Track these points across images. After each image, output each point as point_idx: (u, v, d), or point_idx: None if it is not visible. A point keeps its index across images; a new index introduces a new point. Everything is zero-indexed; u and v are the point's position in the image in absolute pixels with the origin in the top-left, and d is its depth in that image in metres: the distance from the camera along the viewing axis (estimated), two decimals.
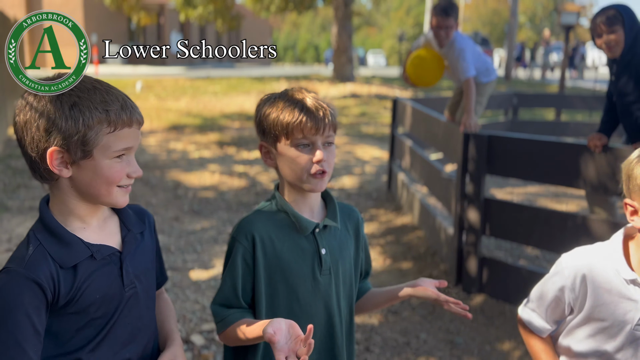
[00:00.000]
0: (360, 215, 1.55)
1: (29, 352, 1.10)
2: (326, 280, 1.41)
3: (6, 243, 4.10)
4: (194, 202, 5.43)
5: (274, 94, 1.42)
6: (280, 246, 1.38)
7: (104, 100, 1.13)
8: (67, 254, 1.15)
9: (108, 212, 1.27)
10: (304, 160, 1.34)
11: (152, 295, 1.33)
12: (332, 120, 1.36)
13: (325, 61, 42.13)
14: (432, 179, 4.33)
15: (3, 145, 7.70)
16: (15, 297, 1.10)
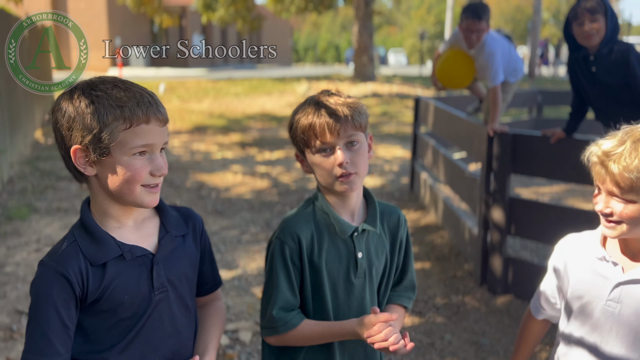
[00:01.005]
0: (402, 216, 1.53)
1: (56, 345, 1.12)
2: (360, 283, 1.42)
3: (35, 243, 4.19)
4: (217, 202, 5.47)
5: (301, 104, 1.43)
6: (319, 247, 1.39)
7: (119, 98, 1.13)
8: (98, 252, 1.16)
9: (149, 213, 1.27)
10: (327, 165, 1.35)
11: (188, 301, 1.30)
12: (353, 120, 1.34)
13: (346, 61, 42.08)
14: (456, 178, 4.29)
15: (31, 148, 7.86)
16: (45, 290, 1.13)
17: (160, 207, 1.29)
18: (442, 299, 3.43)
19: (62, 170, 6.58)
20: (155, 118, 1.14)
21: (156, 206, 1.28)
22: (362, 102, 1.44)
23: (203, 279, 1.38)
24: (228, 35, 33.98)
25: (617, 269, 1.31)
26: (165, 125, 1.18)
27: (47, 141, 8.48)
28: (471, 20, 3.46)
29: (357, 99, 1.42)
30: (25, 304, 3.22)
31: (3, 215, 4.79)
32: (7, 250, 4.02)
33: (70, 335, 1.16)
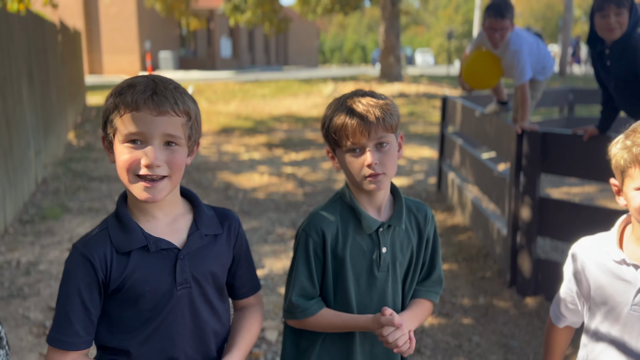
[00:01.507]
0: (430, 212, 1.54)
1: (76, 326, 1.16)
2: (383, 277, 1.45)
3: (67, 242, 4.29)
4: (244, 202, 5.51)
5: (334, 100, 1.45)
6: (344, 241, 1.43)
7: (122, 86, 1.16)
8: (124, 240, 1.19)
9: (182, 210, 1.28)
10: (356, 165, 1.38)
11: (214, 300, 1.30)
12: (384, 122, 1.36)
13: (373, 61, 41.95)
14: (484, 178, 4.23)
15: (64, 149, 8.06)
16: (71, 271, 1.17)
17: (195, 205, 1.30)
18: (470, 301, 3.38)
19: (93, 171, 6.72)
20: (145, 106, 1.11)
21: (192, 204, 1.30)
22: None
23: (239, 281, 1.37)
24: (255, 37, 34.23)
25: (639, 272, 1.27)
26: (163, 116, 1.13)
27: (79, 143, 8.68)
28: (494, 19, 3.38)
29: (389, 100, 1.42)
30: None
31: (37, 215, 4.92)
32: (40, 249, 4.13)
33: (92, 319, 1.18)
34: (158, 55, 25.95)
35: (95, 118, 11.25)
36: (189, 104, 1.19)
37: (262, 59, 36.21)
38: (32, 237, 4.39)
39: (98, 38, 25.30)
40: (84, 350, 1.19)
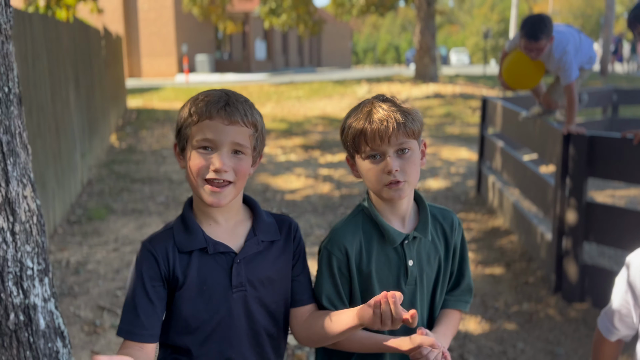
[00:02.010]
0: (456, 220, 1.48)
1: (142, 317, 1.22)
2: (411, 291, 1.40)
3: (113, 243, 4.41)
4: (281, 204, 5.56)
5: (354, 107, 1.41)
6: (368, 256, 1.38)
7: (198, 97, 1.24)
8: (186, 241, 1.25)
9: (243, 217, 1.33)
10: (375, 172, 1.32)
11: (271, 305, 1.32)
12: (405, 127, 1.30)
13: (407, 61, 41.66)
14: (527, 181, 4.16)
15: (107, 151, 8.28)
16: (138, 266, 1.25)
17: (255, 212, 1.34)
18: (514, 306, 3.33)
19: (135, 173, 6.89)
20: (218, 115, 1.20)
21: (252, 211, 1.35)
22: (423, 105, 1.42)
23: (300, 287, 1.38)
24: (289, 39, 34.45)
25: None
26: (234, 125, 1.21)
27: (121, 145, 8.91)
28: (527, 41, 3.29)
29: (411, 105, 1.38)
30: (107, 300, 3.40)
31: (84, 216, 5.07)
32: (88, 249, 4.26)
33: (157, 312, 1.24)
34: (194, 58, 26.39)
35: (135, 121, 11.52)
36: (257, 117, 1.27)
37: (296, 61, 36.41)
38: (80, 237, 4.53)
39: (137, 42, 25.89)
40: (150, 344, 1.23)
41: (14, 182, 1.46)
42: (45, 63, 4.58)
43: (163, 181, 6.50)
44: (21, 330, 1.47)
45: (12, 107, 1.47)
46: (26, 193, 1.51)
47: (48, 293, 1.59)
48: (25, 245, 1.49)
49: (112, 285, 3.61)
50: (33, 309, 1.50)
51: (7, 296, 1.43)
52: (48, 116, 4.60)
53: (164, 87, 18.71)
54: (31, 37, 4.17)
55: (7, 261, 1.43)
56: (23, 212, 1.49)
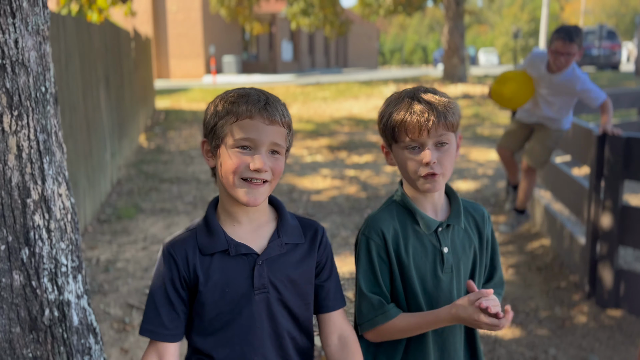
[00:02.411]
0: (486, 213, 1.49)
1: (163, 317, 1.23)
2: (448, 278, 1.40)
3: (142, 242, 4.47)
4: (307, 205, 5.56)
5: (393, 95, 1.42)
6: (404, 243, 1.40)
7: (234, 95, 1.23)
8: (208, 243, 1.25)
9: (268, 218, 1.32)
10: (412, 163, 1.35)
11: (295, 309, 1.31)
12: (445, 120, 1.32)
13: (434, 62, 41.31)
14: (560, 183, 4.07)
15: (136, 152, 8.41)
16: (159, 267, 1.26)
17: (280, 214, 1.33)
18: (546, 311, 3.26)
19: (163, 173, 6.98)
20: (259, 114, 1.19)
21: (277, 213, 1.33)
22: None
23: (324, 292, 1.36)
24: (315, 40, 34.52)
25: None
26: (273, 125, 1.20)
27: (149, 145, 9.04)
28: (562, 42, 3.29)
29: (451, 99, 1.38)
30: (136, 298, 3.44)
31: (113, 215, 5.16)
32: (118, 247, 4.33)
33: (178, 313, 1.25)
34: (222, 59, 26.64)
35: (164, 121, 11.68)
36: (290, 118, 1.27)
37: (322, 62, 36.45)
38: (110, 235, 4.60)
39: (165, 44, 26.27)
40: (173, 343, 1.25)
41: (50, 181, 1.48)
42: (77, 64, 4.67)
43: (191, 181, 6.56)
44: (55, 326, 1.49)
45: (49, 106, 1.49)
46: (61, 191, 1.53)
47: (81, 290, 1.61)
48: (59, 242, 1.51)
49: (140, 283, 3.66)
50: (67, 305, 1.52)
51: (42, 292, 1.45)
52: (80, 116, 4.69)
53: (191, 88, 18.93)
54: (64, 39, 4.26)
55: (43, 258, 1.46)
56: (58, 210, 1.51)
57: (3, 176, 1.36)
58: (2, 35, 1.31)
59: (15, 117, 1.36)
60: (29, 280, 1.43)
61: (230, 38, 28.29)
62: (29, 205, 1.42)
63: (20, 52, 1.36)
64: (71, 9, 8.09)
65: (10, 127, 1.36)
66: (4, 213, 1.37)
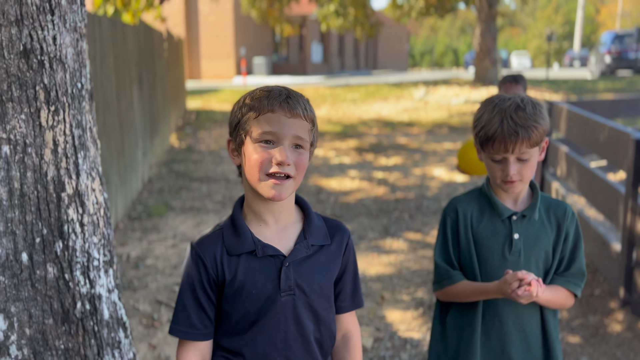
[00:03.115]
0: (570, 210, 1.61)
1: (192, 318, 1.24)
2: (514, 260, 1.56)
3: (171, 239, 4.53)
4: (335, 206, 5.55)
5: (488, 104, 1.53)
6: (477, 224, 1.60)
7: (256, 92, 1.23)
8: (235, 244, 1.24)
9: (294, 219, 1.31)
10: (495, 171, 1.52)
11: (320, 311, 1.30)
12: (530, 140, 1.45)
13: (465, 64, 40.84)
14: (594, 189, 3.96)
15: (167, 151, 8.54)
16: (187, 268, 1.27)
17: (306, 215, 1.32)
18: (578, 319, 3.18)
19: (193, 172, 7.07)
20: (280, 108, 1.18)
21: (304, 213, 1.32)
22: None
23: (341, 295, 1.36)
24: (345, 42, 34.51)
25: None
26: (295, 118, 1.19)
27: (180, 145, 9.17)
28: (509, 84, 3.55)
29: (541, 112, 1.48)
30: (164, 295, 3.49)
31: (144, 212, 5.24)
32: (148, 245, 4.39)
33: (207, 313, 1.25)
34: (252, 61, 26.86)
35: (194, 121, 11.83)
36: (313, 113, 1.27)
37: (352, 64, 36.42)
38: (140, 232, 4.68)
39: (197, 45, 26.62)
40: (202, 342, 1.26)
41: (84, 175, 1.51)
42: (111, 63, 4.76)
43: (220, 180, 6.63)
44: (87, 318, 1.52)
45: (84, 102, 1.52)
46: (94, 186, 1.56)
47: (112, 284, 1.63)
48: (92, 236, 1.54)
49: (169, 280, 3.70)
50: (98, 299, 1.55)
51: (74, 285, 1.48)
52: (113, 114, 4.78)
53: (222, 89, 19.14)
54: (100, 38, 4.35)
55: (76, 251, 1.48)
56: (91, 205, 1.54)
57: (39, 170, 1.39)
58: (42, 31, 1.34)
59: (52, 112, 1.39)
60: (62, 273, 1.45)
61: (260, 40, 28.51)
62: (64, 199, 1.45)
63: (58, 48, 1.39)
64: (106, 10, 8.27)
65: (47, 121, 1.38)
66: (39, 206, 1.40)
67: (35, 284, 1.41)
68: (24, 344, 1.40)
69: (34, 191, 1.38)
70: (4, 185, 1.32)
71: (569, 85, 17.82)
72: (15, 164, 1.34)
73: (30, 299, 1.40)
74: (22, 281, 1.38)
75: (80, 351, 1.51)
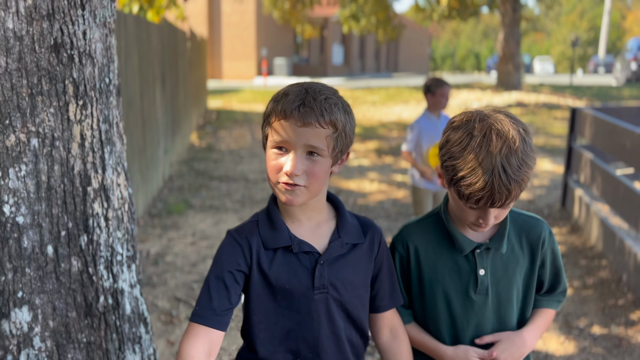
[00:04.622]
0: (546, 230, 1.36)
1: (214, 302, 1.20)
2: (481, 300, 1.33)
3: (191, 237, 4.55)
4: (354, 208, 5.53)
5: (468, 121, 1.20)
6: (435, 259, 1.35)
7: (279, 94, 1.19)
8: (272, 237, 1.24)
9: (326, 217, 1.30)
10: (468, 216, 1.24)
11: (352, 310, 1.29)
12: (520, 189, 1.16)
13: (487, 69, 40.48)
14: (619, 196, 3.88)
15: (188, 149, 8.60)
16: (220, 252, 1.25)
17: (339, 213, 1.31)
18: (601, 329, 3.11)
19: (213, 171, 7.10)
20: (292, 117, 1.14)
21: (337, 211, 1.31)
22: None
23: (380, 293, 1.35)
24: (366, 44, 34.44)
25: None
26: (307, 127, 1.14)
27: (200, 144, 9.22)
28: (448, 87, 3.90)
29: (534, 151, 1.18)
30: (183, 292, 3.50)
31: (164, 210, 5.28)
32: (167, 242, 4.42)
33: (230, 300, 1.21)
34: (273, 61, 26.96)
35: (215, 121, 11.90)
36: (337, 116, 1.17)
37: (372, 66, 36.34)
38: (160, 229, 4.71)
39: (219, 45, 26.81)
40: (215, 330, 1.19)
41: (110, 170, 1.52)
42: (135, 61, 4.80)
43: (239, 180, 6.65)
44: (109, 313, 1.52)
45: (112, 97, 1.53)
46: (120, 181, 1.56)
47: (134, 279, 1.64)
48: (116, 231, 1.54)
49: (188, 277, 3.72)
50: (121, 294, 1.55)
51: (98, 279, 1.49)
52: (136, 112, 4.82)
53: (242, 89, 19.23)
54: (125, 36, 4.39)
55: (100, 245, 1.49)
56: (116, 199, 1.55)
57: (67, 164, 1.40)
58: (72, 26, 1.35)
59: (80, 106, 1.40)
60: (86, 266, 1.46)
61: (282, 41, 28.60)
62: (89, 193, 1.46)
63: (88, 43, 1.40)
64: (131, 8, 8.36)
65: (75, 116, 1.39)
66: (65, 200, 1.41)
67: (60, 277, 1.41)
68: (47, 336, 1.41)
69: (61, 184, 1.39)
70: (31, 178, 1.34)
71: (593, 91, 17.53)
72: (43, 157, 1.35)
73: (54, 291, 1.41)
74: (47, 274, 1.39)
75: (102, 345, 1.52)
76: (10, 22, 1.24)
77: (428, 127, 3.84)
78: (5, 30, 1.24)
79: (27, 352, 1.37)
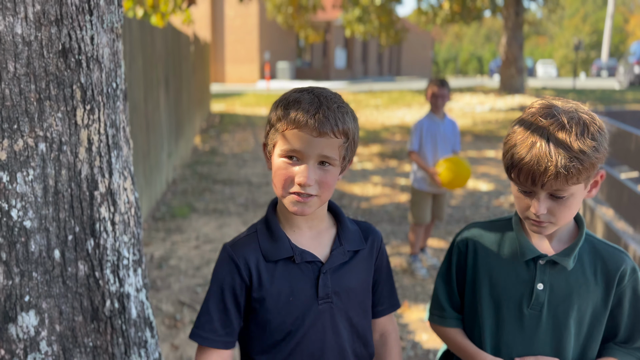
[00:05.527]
0: (629, 264, 1.23)
1: (215, 322, 1.19)
2: (534, 316, 1.24)
3: (194, 240, 4.55)
4: (357, 212, 5.53)
5: (524, 119, 1.18)
6: (494, 263, 1.29)
7: (287, 100, 1.15)
8: (272, 249, 1.20)
9: (327, 224, 1.28)
10: (522, 204, 1.19)
11: (354, 318, 1.27)
12: (567, 177, 1.09)
13: (490, 72, 40.50)
14: (624, 201, 3.87)
15: (191, 153, 8.61)
16: (217, 270, 1.22)
17: (339, 220, 1.29)
18: None
19: (217, 174, 7.11)
20: (307, 126, 1.10)
21: (336, 219, 1.29)
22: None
23: (378, 298, 1.34)
24: (369, 48, 34.50)
25: None
26: (323, 137, 1.11)
27: (204, 147, 9.24)
28: (438, 87, 3.86)
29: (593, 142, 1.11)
30: (187, 295, 3.50)
31: (168, 213, 5.28)
32: (171, 245, 4.42)
33: (232, 319, 1.20)
34: (276, 65, 27.02)
35: (218, 124, 11.92)
36: (349, 125, 1.15)
37: (375, 70, 36.39)
38: (164, 233, 4.72)
39: (222, 48, 26.88)
40: (223, 350, 1.20)
41: (116, 174, 1.52)
42: (140, 65, 4.82)
43: (243, 183, 6.66)
44: (115, 317, 1.52)
45: (119, 102, 1.53)
46: (126, 185, 1.57)
47: (140, 284, 1.64)
48: (123, 235, 1.55)
49: (192, 281, 3.72)
50: (127, 298, 1.55)
51: (104, 283, 1.49)
52: (140, 116, 4.84)
53: (245, 93, 19.27)
54: (129, 40, 4.41)
55: (107, 250, 1.49)
56: (123, 204, 1.55)
57: (74, 168, 1.40)
58: (80, 31, 1.36)
59: (87, 111, 1.41)
60: (92, 270, 1.46)
61: (285, 45, 28.67)
62: (96, 197, 1.46)
63: (95, 48, 1.41)
64: (135, 12, 8.39)
65: (82, 120, 1.40)
66: (72, 204, 1.41)
67: (67, 281, 1.42)
68: (54, 340, 1.41)
69: (68, 189, 1.40)
70: (39, 183, 1.34)
71: (596, 95, 17.52)
72: (51, 162, 1.35)
73: (61, 295, 1.41)
74: (54, 278, 1.39)
75: (108, 349, 1.52)
76: (19, 27, 1.25)
77: (430, 127, 3.84)
78: (14, 36, 1.24)
79: (34, 356, 1.37)
